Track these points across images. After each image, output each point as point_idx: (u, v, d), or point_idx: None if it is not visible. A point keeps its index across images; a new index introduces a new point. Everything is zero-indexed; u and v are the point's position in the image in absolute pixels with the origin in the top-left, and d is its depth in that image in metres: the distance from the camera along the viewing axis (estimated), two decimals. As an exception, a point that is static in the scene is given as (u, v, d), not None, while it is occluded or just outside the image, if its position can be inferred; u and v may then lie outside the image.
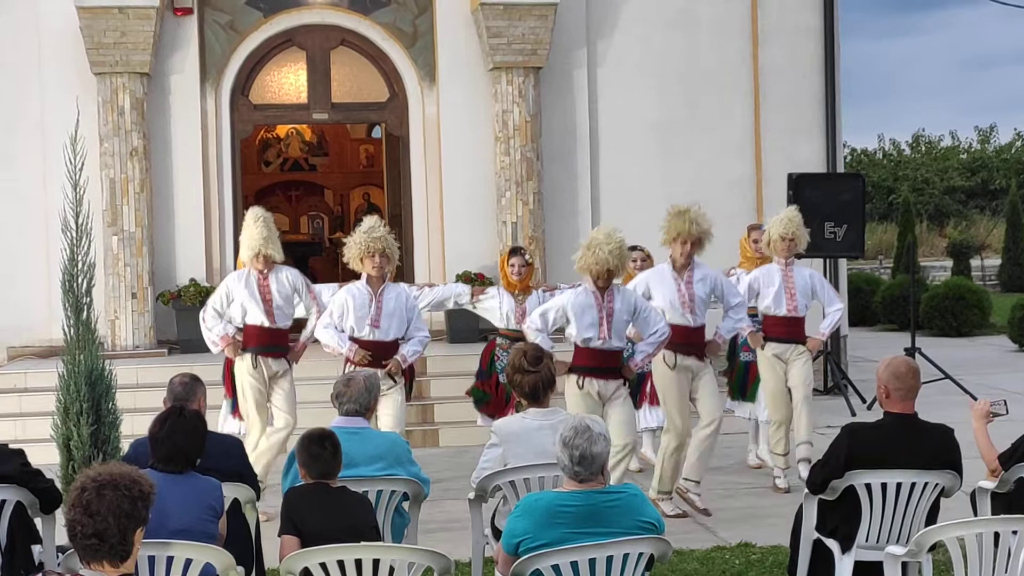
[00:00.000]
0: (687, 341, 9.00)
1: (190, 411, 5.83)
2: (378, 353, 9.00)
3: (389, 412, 8.96)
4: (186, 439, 5.55)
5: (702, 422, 9.06)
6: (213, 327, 9.46)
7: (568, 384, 8.53)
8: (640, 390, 10.43)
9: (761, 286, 9.93)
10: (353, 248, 9.05)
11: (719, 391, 9.62)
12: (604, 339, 8.46)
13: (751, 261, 10.66)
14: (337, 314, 9.11)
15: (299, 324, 9.75)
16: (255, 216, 9.42)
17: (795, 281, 9.90)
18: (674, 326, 8.86)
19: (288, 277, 9.54)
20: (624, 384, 8.62)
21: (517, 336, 9.98)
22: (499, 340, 10.31)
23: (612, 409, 8.46)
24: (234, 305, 9.47)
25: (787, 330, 9.90)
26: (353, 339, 9.04)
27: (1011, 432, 6.77)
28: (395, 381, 9.05)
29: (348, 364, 9.03)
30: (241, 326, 9.48)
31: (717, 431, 9.07)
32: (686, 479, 9.05)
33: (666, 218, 9.08)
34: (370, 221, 9.21)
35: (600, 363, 8.49)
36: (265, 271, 9.42)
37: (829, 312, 10.05)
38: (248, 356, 9.38)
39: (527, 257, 10.44)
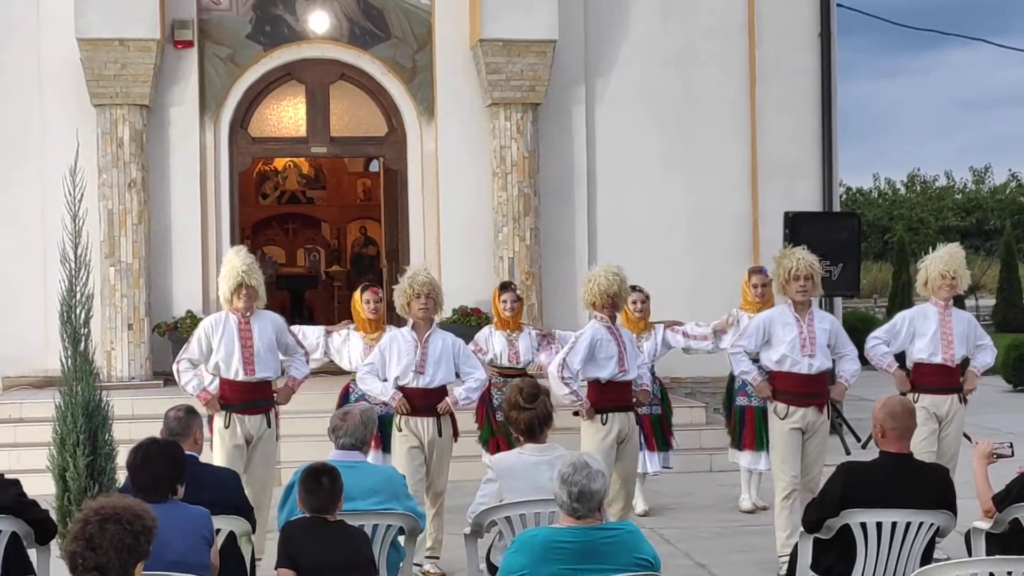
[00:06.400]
0: (805, 389, 8.37)
1: (165, 439, 5.88)
2: (423, 401, 8.46)
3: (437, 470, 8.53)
4: (164, 465, 5.53)
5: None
6: (188, 382, 8.49)
7: (590, 425, 8.44)
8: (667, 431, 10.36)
9: (916, 329, 8.83)
10: (400, 295, 8.62)
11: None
12: (625, 371, 8.48)
13: (752, 305, 10.20)
14: (378, 360, 8.61)
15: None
16: (236, 250, 8.78)
17: (953, 326, 8.83)
18: (790, 374, 8.41)
19: (272, 322, 8.73)
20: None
21: (511, 373, 10.10)
22: (494, 378, 10.18)
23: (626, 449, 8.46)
24: (212, 354, 8.53)
25: (942, 380, 8.81)
26: (399, 387, 8.51)
27: (1009, 473, 6.76)
28: (440, 434, 8.50)
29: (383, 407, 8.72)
30: (215, 374, 8.57)
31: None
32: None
33: (775, 263, 8.62)
34: (415, 266, 9.01)
35: (619, 397, 8.49)
36: (248, 314, 8.53)
37: (980, 353, 9.04)
38: (223, 414, 8.42)
39: (518, 292, 10.42)
